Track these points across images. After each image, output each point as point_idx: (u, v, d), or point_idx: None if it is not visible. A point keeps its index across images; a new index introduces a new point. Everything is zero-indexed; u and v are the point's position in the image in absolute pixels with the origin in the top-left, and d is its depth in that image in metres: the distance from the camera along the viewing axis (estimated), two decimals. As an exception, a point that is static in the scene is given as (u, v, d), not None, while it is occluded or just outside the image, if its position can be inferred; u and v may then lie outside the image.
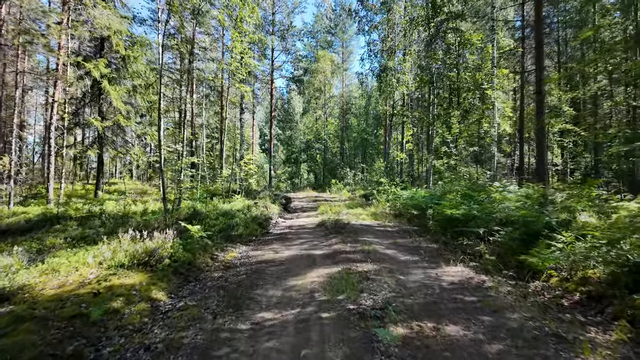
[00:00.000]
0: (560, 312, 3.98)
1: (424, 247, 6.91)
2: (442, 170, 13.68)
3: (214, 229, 7.92)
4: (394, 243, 7.37)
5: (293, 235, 8.56)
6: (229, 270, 5.59)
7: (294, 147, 39.09)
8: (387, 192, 15.08)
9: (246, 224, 8.70)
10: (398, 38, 22.02)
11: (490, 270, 5.33)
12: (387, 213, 12.66)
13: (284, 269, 5.52)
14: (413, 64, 22.04)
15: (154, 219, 7.81)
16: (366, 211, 13.70)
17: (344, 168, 31.93)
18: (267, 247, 7.31)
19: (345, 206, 14.89)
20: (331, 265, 5.52)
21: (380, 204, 14.16)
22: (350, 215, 12.16)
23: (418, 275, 5.07)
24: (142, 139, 15.32)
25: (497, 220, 6.24)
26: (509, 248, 5.75)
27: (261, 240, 8.05)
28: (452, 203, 7.98)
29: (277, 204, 12.58)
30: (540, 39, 10.52)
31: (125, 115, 13.79)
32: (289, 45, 24.92)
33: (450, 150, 13.77)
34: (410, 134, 24.92)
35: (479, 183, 10.65)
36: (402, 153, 24.19)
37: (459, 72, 17.19)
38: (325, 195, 23.86)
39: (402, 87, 21.76)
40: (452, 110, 16.19)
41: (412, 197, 12.40)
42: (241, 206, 10.47)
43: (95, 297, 3.97)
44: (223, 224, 8.24)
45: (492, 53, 17.13)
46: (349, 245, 6.95)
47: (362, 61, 23.46)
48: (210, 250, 6.47)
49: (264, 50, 22.20)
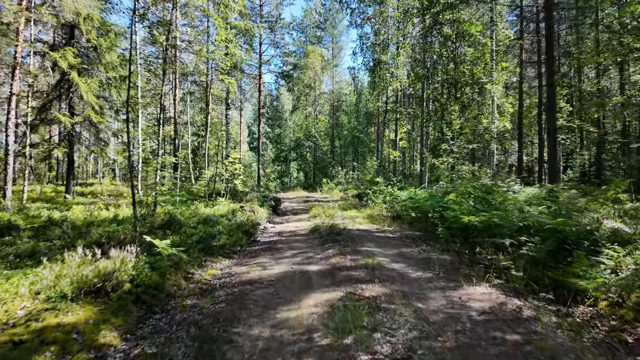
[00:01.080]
0: (629, 353, 3.09)
1: (435, 259, 5.98)
2: (442, 169, 12.83)
3: (192, 239, 6.87)
4: (400, 254, 6.43)
5: (283, 245, 7.55)
6: (206, 296, 4.56)
7: (284, 145, 37.98)
8: (383, 193, 14.18)
9: (230, 232, 7.67)
10: (391, 31, 21.12)
11: (521, 291, 4.43)
12: (384, 216, 11.76)
13: (273, 293, 4.52)
14: (407, 58, 21.20)
15: (120, 229, 6.71)
16: (362, 213, 12.78)
17: (335, 166, 31.02)
18: (254, 260, 6.29)
19: (338, 208, 13.94)
20: (331, 288, 4.54)
21: (376, 206, 13.25)
22: (345, 219, 11.21)
23: (439, 300, 4.13)
24: (119, 136, 14.08)
25: (522, 228, 5.35)
26: (538, 262, 4.88)
27: (247, 252, 7.03)
28: (462, 207, 7.08)
29: (266, 207, 11.55)
30: (551, 26, 9.71)
31: (98, 111, 12.56)
32: (278, 38, 23.82)
33: (450, 147, 12.94)
34: (404, 131, 24.11)
35: (485, 184, 9.80)
36: (396, 151, 23.36)
37: (457, 66, 16.38)
38: (317, 195, 22.89)
39: (395, 82, 20.89)
40: (451, 106, 15.37)
41: (411, 198, 11.51)
42: (225, 211, 9.41)
43: (15, 350, 2.92)
44: (203, 232, 7.19)
45: (490, 46, 16.36)
46: (349, 258, 5.98)
47: (354, 55, 22.50)
48: (184, 268, 5.43)
49: (251, 42, 21.04)
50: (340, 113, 38.84)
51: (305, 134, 34.27)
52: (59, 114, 11.39)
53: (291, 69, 25.82)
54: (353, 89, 35.40)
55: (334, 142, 36.92)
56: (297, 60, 33.43)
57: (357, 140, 35.57)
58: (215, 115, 30.91)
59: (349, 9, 22.12)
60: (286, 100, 43.69)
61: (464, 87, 16.13)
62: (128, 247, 4.72)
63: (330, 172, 31.39)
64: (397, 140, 24.43)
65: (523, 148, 22.21)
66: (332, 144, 36.89)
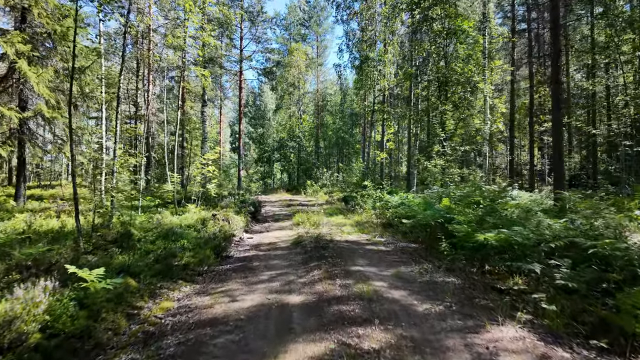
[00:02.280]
0: None
1: (442, 283, 4.98)
2: (433, 172, 11.93)
3: (149, 257, 5.66)
4: (398, 275, 5.39)
5: (260, 262, 6.40)
6: (149, 346, 3.39)
7: (267, 146, 36.68)
8: (372, 197, 13.20)
9: (197, 248, 6.47)
10: (379, 28, 20.23)
11: (563, 335, 3.46)
12: (374, 223, 10.76)
13: (240, 342, 3.39)
14: (395, 57, 20.34)
15: (55, 249, 5.42)
16: (349, 220, 11.76)
17: (319, 168, 29.93)
18: (221, 286, 5.13)
19: (324, 213, 12.88)
20: (318, 335, 3.44)
21: (364, 212, 12.25)
22: (332, 227, 10.15)
23: (460, 352, 3.10)
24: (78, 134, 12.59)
25: (552, 248, 4.39)
26: (570, 291, 3.94)
27: (215, 273, 5.85)
28: (468, 218, 6.12)
29: (244, 214, 10.35)
30: (557, 17, 8.90)
31: (55, 105, 11.10)
32: (260, 33, 22.59)
33: (444, 149, 12.05)
34: (391, 132, 23.26)
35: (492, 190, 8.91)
36: (383, 152, 22.46)
37: (447, 64, 15.57)
38: (300, 199, 21.75)
39: (383, 81, 19.98)
40: (442, 105, 14.53)
41: (403, 204, 10.56)
42: (194, 220, 8.20)
43: None
44: (162, 249, 5.98)
45: (483, 43, 15.63)
46: (339, 284, 4.91)
47: (340, 52, 21.51)
48: (130, 301, 4.24)
49: (231, 36, 19.74)
50: (325, 113, 37.83)
51: (289, 134, 33.08)
52: (3, 107, 9.90)
53: (274, 65, 24.59)
54: (338, 88, 34.46)
55: (318, 143, 35.84)
56: (280, 58, 32.26)
57: (342, 141, 34.59)
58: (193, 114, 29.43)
59: (334, 3, 21.13)
60: (269, 99, 42.40)
61: (455, 86, 15.34)
62: (42, 282, 3.50)
63: (314, 173, 30.31)
64: (384, 141, 23.57)
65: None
66: (316, 145, 35.80)
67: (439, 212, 6.81)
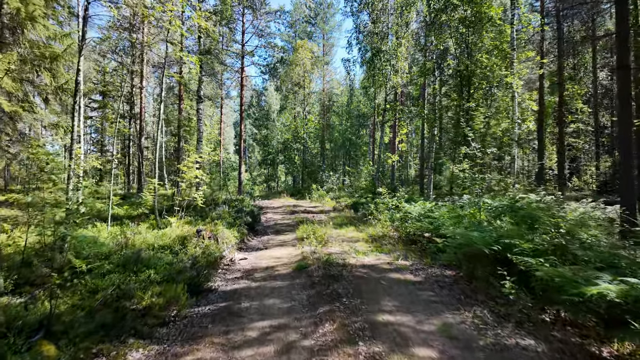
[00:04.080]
0: None
1: (518, 351, 3.30)
2: (463, 178, 10.20)
3: (95, 299, 4.05)
4: (446, 331, 3.71)
5: (251, 303, 4.73)
6: None
7: (271, 148, 35.08)
8: (387, 205, 11.49)
9: (167, 281, 4.83)
10: (391, 19, 18.56)
11: None
12: (392, 238, 9.08)
13: None
14: (409, 49, 18.66)
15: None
16: (362, 233, 10.08)
17: (325, 171, 28.26)
18: (190, 353, 3.47)
19: (332, 225, 11.21)
20: None
21: (379, 223, 10.56)
22: (343, 244, 8.48)
23: None
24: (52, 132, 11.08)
25: None
26: None
27: (187, 322, 4.19)
28: (537, 245, 4.43)
29: (237, 227, 8.69)
30: (626, -13, 7.16)
31: (22, 97, 9.58)
32: (262, 26, 21.02)
33: (473, 151, 10.32)
34: (404, 133, 21.56)
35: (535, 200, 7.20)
36: (394, 155, 20.75)
37: (470, 55, 13.82)
38: (305, 204, 20.07)
39: (395, 77, 18.29)
40: (466, 102, 12.80)
41: (428, 216, 8.86)
42: (174, 237, 6.57)
43: None
44: (115, 287, 4.33)
45: (511, 33, 13.89)
46: (364, 354, 3.23)
47: (349, 46, 19.90)
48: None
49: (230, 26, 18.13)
50: (331, 114, 36.17)
51: (294, 135, 31.44)
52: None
53: (278, 61, 23.01)
54: (347, 85, 32.80)
55: (324, 145, 34.17)
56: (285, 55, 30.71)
57: (349, 143, 32.89)
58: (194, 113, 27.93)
59: (343, -7, 19.46)
60: (274, 99, 40.90)
61: (480, 81, 13.60)
62: None
63: (320, 177, 28.64)
64: (396, 142, 21.86)
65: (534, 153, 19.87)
66: (322, 147, 34.12)
67: (489, 234, 5.10)
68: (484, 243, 4.83)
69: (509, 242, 4.67)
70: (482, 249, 4.68)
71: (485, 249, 4.65)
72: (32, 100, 9.99)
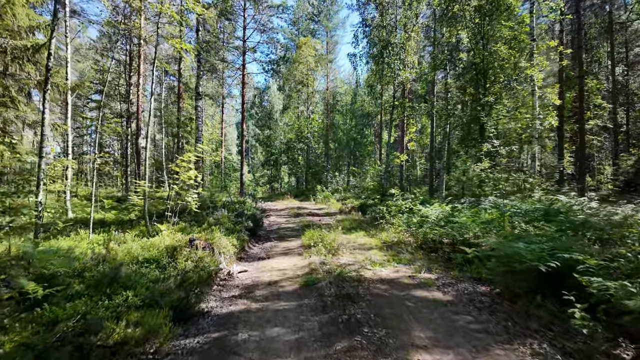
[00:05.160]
0: None
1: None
2: (484, 177, 9.29)
3: (54, 332, 3.19)
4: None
5: (250, 334, 3.84)
6: None
7: (274, 148, 34.16)
8: (400, 208, 10.60)
9: (149, 305, 3.96)
10: (400, 11, 17.65)
11: None
12: (408, 244, 8.19)
13: None
14: (419, 43, 17.75)
15: None
16: (374, 239, 9.19)
17: (330, 171, 27.32)
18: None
19: (341, 229, 10.33)
20: None
21: (392, 228, 9.65)
22: (354, 251, 7.60)
23: None
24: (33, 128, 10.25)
25: None
26: None
27: (168, 362, 3.33)
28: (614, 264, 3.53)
29: (237, 234, 7.81)
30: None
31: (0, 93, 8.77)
32: (264, 20, 20.16)
33: (496, 148, 9.41)
34: (413, 131, 20.63)
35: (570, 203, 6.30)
36: (403, 154, 19.82)
37: (485, 46, 12.89)
38: (310, 206, 19.19)
39: (404, 72, 17.37)
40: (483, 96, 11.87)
41: (450, 221, 7.94)
42: (163, 247, 5.70)
43: None
44: (79, 316, 3.46)
45: (530, 22, 12.96)
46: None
47: (355, 40, 18.93)
48: None
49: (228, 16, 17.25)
50: (335, 113, 35.24)
51: (297, 135, 30.55)
52: None
53: (280, 58, 22.15)
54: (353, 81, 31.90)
55: (328, 145, 33.24)
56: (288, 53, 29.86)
57: (354, 142, 31.95)
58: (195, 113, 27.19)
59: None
60: (276, 99, 40.05)
61: (497, 74, 12.67)
62: None
63: (324, 177, 27.73)
64: (405, 141, 20.94)
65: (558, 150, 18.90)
66: (326, 147, 33.21)
67: (539, 246, 4.19)
68: (536, 258, 3.92)
69: (569, 256, 3.76)
70: (537, 265, 3.77)
71: (541, 265, 3.73)
72: (15, 95, 9.18)
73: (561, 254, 3.88)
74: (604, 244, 4.22)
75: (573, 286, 3.66)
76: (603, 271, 3.56)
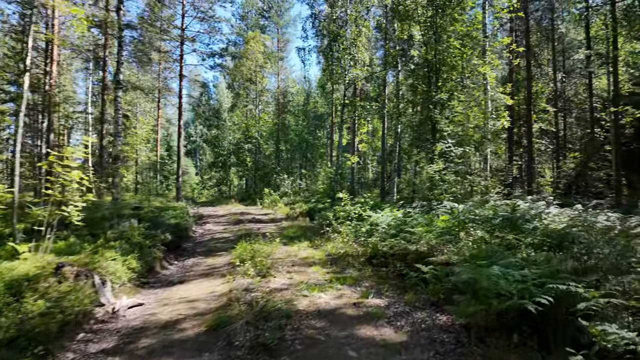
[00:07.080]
0: None
1: None
2: (437, 180, 8.43)
3: None
4: None
5: None
6: None
7: (222, 149, 31.82)
8: (348, 214, 9.43)
9: None
10: (351, 5, 16.74)
11: None
12: (356, 257, 7.05)
13: None
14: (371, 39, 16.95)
15: None
16: (319, 251, 7.99)
17: (280, 174, 25.77)
18: None
19: (281, 238, 8.95)
20: None
21: (339, 237, 8.44)
22: (292, 270, 6.27)
23: None
24: None
25: None
26: None
27: None
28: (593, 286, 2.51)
29: (144, 251, 6.15)
30: None
31: None
32: (205, 8, 18.28)
33: (449, 148, 8.59)
34: (364, 132, 19.83)
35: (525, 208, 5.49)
36: (354, 156, 18.93)
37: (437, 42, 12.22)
38: (255, 212, 17.59)
39: (355, 70, 16.42)
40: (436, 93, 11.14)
41: (402, 230, 6.84)
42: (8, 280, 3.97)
43: None
44: None
45: (483, 19, 12.55)
46: None
47: (304, 32, 17.82)
48: None
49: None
50: (287, 114, 33.75)
51: (245, 135, 28.70)
52: None
53: (224, 49, 20.34)
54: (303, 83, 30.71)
55: (279, 146, 31.69)
56: (235, 48, 27.99)
57: (306, 144, 30.70)
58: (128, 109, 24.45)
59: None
60: (225, 97, 37.76)
61: (449, 71, 12.04)
62: None
63: (274, 180, 26.13)
64: (356, 143, 20.07)
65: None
66: (277, 148, 31.64)
67: (518, 271, 3.14)
68: (519, 290, 2.83)
69: (563, 288, 2.71)
70: (524, 304, 2.67)
71: (529, 304, 2.64)
72: None
73: (552, 283, 2.82)
74: (599, 266, 3.27)
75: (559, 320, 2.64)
76: (612, 309, 2.54)
